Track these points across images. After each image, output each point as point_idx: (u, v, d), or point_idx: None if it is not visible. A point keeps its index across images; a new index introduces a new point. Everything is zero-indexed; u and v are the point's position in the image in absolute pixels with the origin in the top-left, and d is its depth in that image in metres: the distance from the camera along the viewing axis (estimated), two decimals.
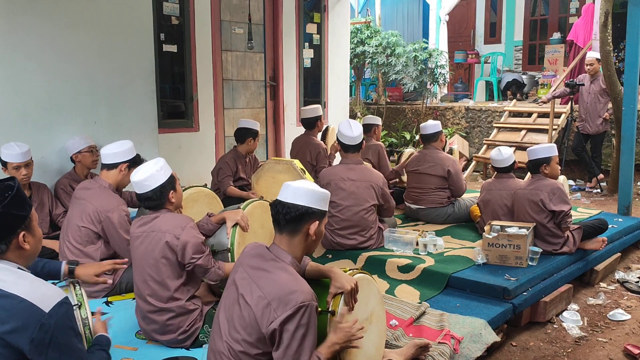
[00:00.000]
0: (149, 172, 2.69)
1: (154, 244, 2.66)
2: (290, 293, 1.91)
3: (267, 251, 2.10)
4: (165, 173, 2.74)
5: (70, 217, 3.42)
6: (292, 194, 2.09)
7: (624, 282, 4.20)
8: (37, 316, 1.60)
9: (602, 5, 6.40)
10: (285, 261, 2.05)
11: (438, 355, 2.68)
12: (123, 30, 4.78)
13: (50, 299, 1.64)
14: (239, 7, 6.76)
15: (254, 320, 1.94)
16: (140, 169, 2.74)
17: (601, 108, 6.89)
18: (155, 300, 2.67)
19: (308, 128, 5.75)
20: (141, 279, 2.72)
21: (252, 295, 1.97)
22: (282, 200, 2.10)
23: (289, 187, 2.12)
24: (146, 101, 5.02)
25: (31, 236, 1.80)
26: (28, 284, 1.67)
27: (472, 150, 8.84)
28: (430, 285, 3.57)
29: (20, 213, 1.75)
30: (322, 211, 2.12)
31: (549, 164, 4.01)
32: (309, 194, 2.08)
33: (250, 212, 3.19)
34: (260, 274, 2.02)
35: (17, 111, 4.27)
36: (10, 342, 1.58)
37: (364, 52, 9.84)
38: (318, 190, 2.11)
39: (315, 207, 2.08)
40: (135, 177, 2.71)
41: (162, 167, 2.74)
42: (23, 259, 1.79)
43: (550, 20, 11.09)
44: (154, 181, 2.69)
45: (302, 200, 2.07)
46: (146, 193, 2.70)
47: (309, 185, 2.12)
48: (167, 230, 2.65)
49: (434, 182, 4.85)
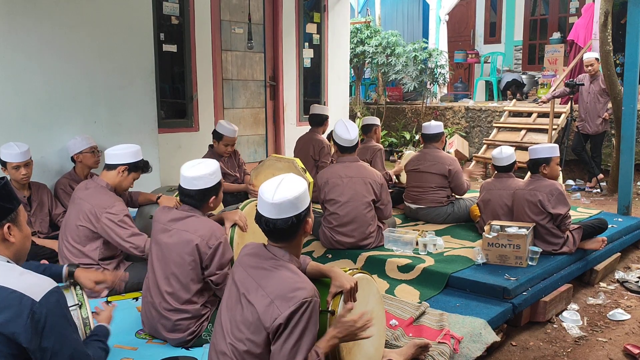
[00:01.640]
0: (201, 173, 2.67)
1: (186, 245, 2.62)
2: (293, 290, 1.92)
3: (264, 250, 2.10)
4: (216, 178, 2.73)
5: (68, 217, 3.41)
6: (277, 209, 1.99)
7: (623, 282, 4.20)
8: (28, 305, 1.61)
9: (602, 5, 6.40)
10: (283, 259, 2.05)
11: (438, 355, 2.68)
12: (123, 30, 4.78)
13: (41, 288, 1.66)
14: (238, 7, 6.76)
15: (257, 319, 1.94)
16: (195, 165, 2.71)
17: (601, 108, 6.90)
18: (173, 300, 2.65)
19: (315, 125, 5.78)
20: (163, 275, 2.67)
21: (255, 294, 1.97)
22: (269, 217, 2.01)
23: (269, 204, 1.99)
24: (146, 101, 5.02)
25: (17, 230, 1.81)
26: (17, 275, 1.69)
27: (472, 150, 8.84)
28: (430, 285, 3.57)
29: (6, 205, 1.77)
30: (308, 207, 2.08)
31: (549, 164, 4.01)
32: (292, 203, 1.99)
33: (249, 212, 3.20)
34: (262, 273, 2.02)
35: (17, 111, 4.27)
36: (5, 333, 1.60)
37: (364, 52, 9.85)
38: (298, 194, 2.01)
39: (303, 209, 2.03)
40: (187, 172, 2.67)
41: (215, 172, 2.72)
42: (10, 253, 1.80)
43: (550, 20, 11.09)
44: (202, 182, 2.67)
45: (289, 211, 2.00)
46: (190, 190, 2.68)
47: (288, 193, 2.00)
48: (203, 236, 2.61)
49: (435, 181, 4.85)
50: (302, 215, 2.04)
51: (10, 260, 1.79)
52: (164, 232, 2.70)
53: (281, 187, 2.02)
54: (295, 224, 2.03)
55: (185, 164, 2.73)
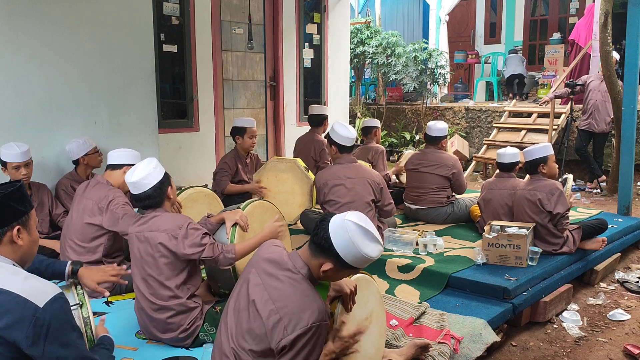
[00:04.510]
0: (146, 171, 2.74)
1: (153, 244, 2.67)
2: (302, 311, 1.88)
3: (285, 259, 2.03)
4: (161, 170, 2.81)
5: (71, 217, 3.45)
6: (341, 240, 1.91)
7: (623, 282, 4.20)
8: (31, 311, 1.60)
9: (602, 5, 6.39)
10: (301, 273, 1.99)
11: (438, 355, 2.69)
12: (123, 30, 4.78)
13: (45, 294, 1.65)
14: (239, 7, 6.76)
15: (263, 334, 1.92)
16: (136, 169, 2.77)
17: (610, 107, 6.86)
18: (156, 299, 2.68)
19: (314, 125, 5.79)
20: (141, 278, 2.73)
21: (265, 307, 1.93)
22: (327, 228, 1.95)
23: (342, 226, 1.93)
24: (146, 101, 5.02)
25: (27, 234, 1.81)
26: (22, 279, 1.68)
27: (472, 150, 8.84)
28: (430, 285, 3.58)
29: (19, 207, 1.78)
30: (344, 263, 1.93)
31: (546, 163, 4.02)
32: (350, 243, 1.91)
33: (250, 212, 3.19)
34: (274, 284, 1.97)
35: (18, 112, 4.27)
36: (6, 337, 1.59)
37: (364, 52, 9.85)
38: (362, 249, 1.91)
39: (344, 257, 1.92)
40: (133, 177, 2.73)
41: (157, 165, 2.80)
42: (17, 256, 1.79)
43: (550, 21, 11.09)
44: (152, 179, 2.73)
45: (338, 244, 1.92)
46: (146, 191, 2.73)
47: (360, 239, 1.92)
48: (167, 230, 2.66)
49: (436, 182, 4.84)
50: (336, 254, 1.94)
51: (15, 263, 1.78)
52: (135, 239, 2.77)
53: (360, 234, 1.94)
54: (327, 249, 1.95)
55: (127, 174, 2.80)
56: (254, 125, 5.00)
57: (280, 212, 3.35)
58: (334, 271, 1.97)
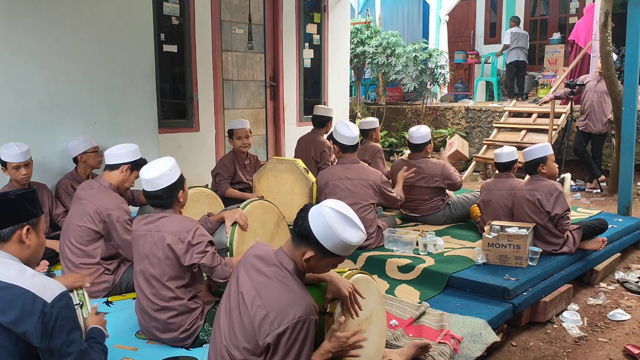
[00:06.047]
0: (161, 171, 2.70)
1: (159, 244, 2.66)
2: (289, 306, 1.89)
3: (271, 256, 2.06)
4: (176, 172, 2.77)
5: (70, 217, 3.42)
6: (319, 226, 1.94)
7: (623, 282, 4.20)
8: (39, 305, 1.68)
9: (602, 5, 6.39)
10: (288, 268, 2.01)
11: (438, 355, 2.69)
12: (123, 30, 4.78)
13: (52, 291, 1.73)
14: (239, 7, 6.76)
15: (252, 329, 1.93)
16: (152, 166, 2.74)
17: (607, 108, 6.86)
18: (157, 299, 2.68)
19: (318, 126, 5.75)
20: (143, 277, 2.72)
21: (253, 302, 1.95)
22: (306, 217, 1.98)
23: (320, 213, 1.95)
24: (146, 101, 5.02)
25: (35, 235, 1.89)
26: (29, 276, 1.76)
27: (472, 150, 8.84)
28: (430, 285, 3.58)
29: (31, 208, 1.88)
30: (325, 250, 1.95)
31: (546, 163, 4.02)
32: (328, 228, 1.92)
33: (250, 211, 3.20)
34: (262, 280, 2.00)
35: (18, 112, 4.28)
36: (15, 331, 1.65)
37: (364, 52, 9.85)
38: (340, 234, 1.93)
39: (323, 243, 1.94)
40: (147, 174, 2.70)
41: (174, 167, 2.76)
42: (23, 256, 1.86)
43: (550, 21, 11.10)
44: (165, 180, 2.70)
45: (317, 231, 1.94)
46: (157, 191, 2.70)
47: (338, 224, 1.94)
48: (174, 232, 2.64)
49: (428, 192, 4.77)
50: (315, 241, 1.97)
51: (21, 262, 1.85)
52: (140, 237, 2.75)
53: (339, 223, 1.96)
54: (306, 236, 1.98)
55: (143, 169, 2.77)
56: (244, 125, 4.93)
57: (280, 211, 3.36)
58: (316, 260, 1.99)
